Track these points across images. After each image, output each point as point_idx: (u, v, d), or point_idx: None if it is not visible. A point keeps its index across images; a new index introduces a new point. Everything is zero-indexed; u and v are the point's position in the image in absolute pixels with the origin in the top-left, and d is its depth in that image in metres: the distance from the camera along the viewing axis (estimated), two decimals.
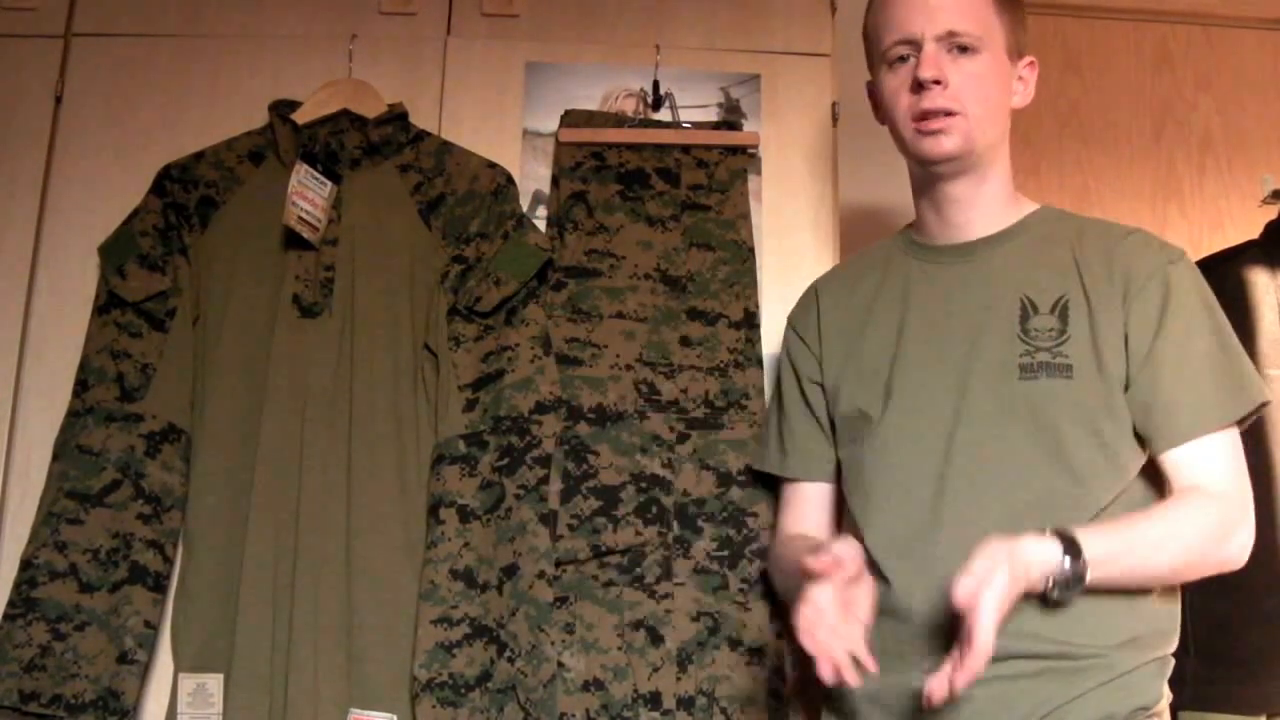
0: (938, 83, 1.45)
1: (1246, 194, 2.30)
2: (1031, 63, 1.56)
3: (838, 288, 1.66)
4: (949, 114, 1.46)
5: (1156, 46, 2.37)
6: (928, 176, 1.54)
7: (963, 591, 1.22)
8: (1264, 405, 1.42)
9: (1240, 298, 1.89)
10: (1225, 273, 1.93)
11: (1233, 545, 1.39)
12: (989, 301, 1.48)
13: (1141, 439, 1.42)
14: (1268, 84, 2.37)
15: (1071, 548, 1.28)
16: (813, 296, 1.69)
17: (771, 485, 1.75)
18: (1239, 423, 1.42)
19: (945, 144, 1.47)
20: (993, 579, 1.22)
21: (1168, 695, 1.40)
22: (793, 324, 1.70)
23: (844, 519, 1.59)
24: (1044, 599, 1.30)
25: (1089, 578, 1.28)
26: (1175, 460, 1.40)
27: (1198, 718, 1.68)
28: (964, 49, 1.47)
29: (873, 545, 1.45)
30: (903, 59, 1.49)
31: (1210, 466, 1.39)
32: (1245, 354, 1.44)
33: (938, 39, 1.46)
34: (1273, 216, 2.01)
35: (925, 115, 1.47)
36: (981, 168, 1.52)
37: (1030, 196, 1.59)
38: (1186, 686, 1.48)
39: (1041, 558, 1.28)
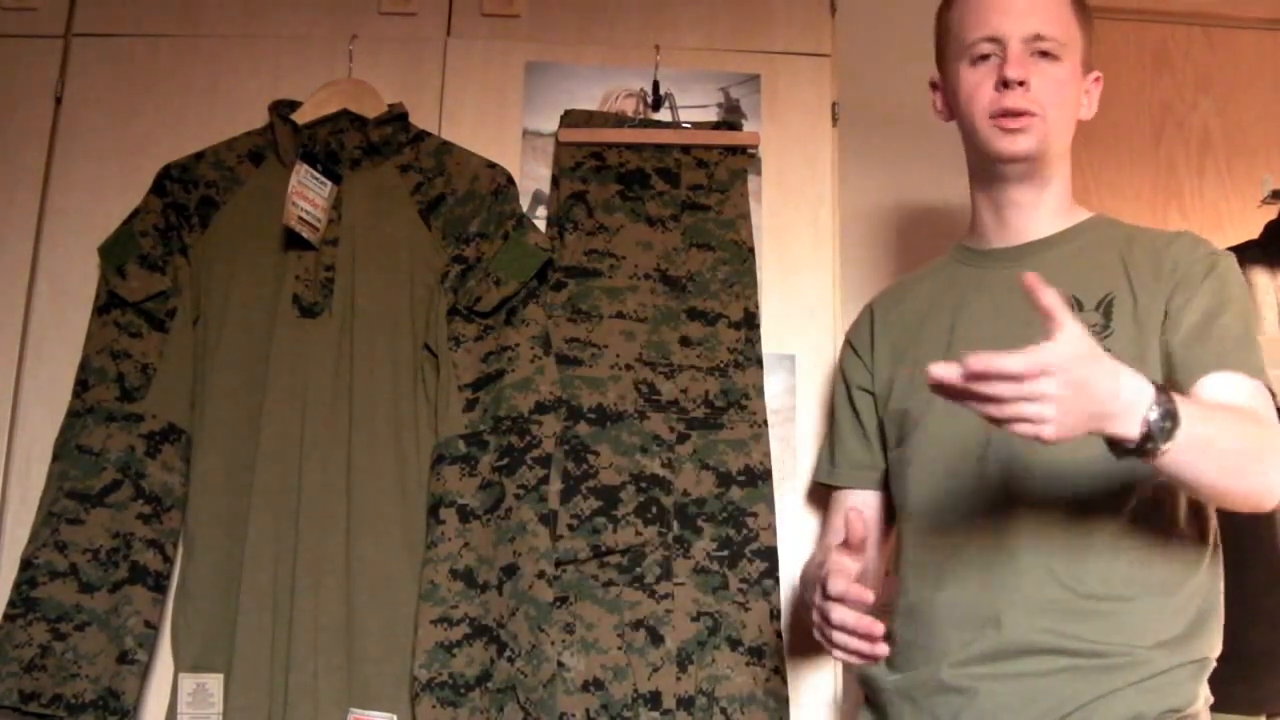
0: (1022, 84, 1.46)
1: (1246, 194, 2.29)
2: (1098, 78, 1.57)
3: (890, 301, 1.68)
4: (1030, 115, 1.47)
5: (1156, 46, 2.37)
6: (992, 175, 1.54)
7: (1051, 303, 1.13)
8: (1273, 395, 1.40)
9: None
10: None
11: (1273, 476, 1.31)
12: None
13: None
14: (1268, 84, 2.36)
15: (1162, 391, 1.19)
16: (867, 312, 1.71)
17: (769, 488, 1.77)
18: None
19: (1022, 143, 1.48)
20: (1072, 348, 1.12)
21: (1206, 697, 1.37)
22: (849, 339, 1.72)
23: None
24: (1137, 447, 1.19)
25: (1180, 431, 1.18)
26: (1207, 388, 1.35)
27: None
28: (1046, 54, 1.48)
29: (908, 541, 1.47)
30: (985, 57, 1.50)
31: (1243, 397, 1.34)
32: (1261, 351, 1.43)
33: (1024, 40, 1.47)
34: (1273, 217, 2.01)
35: (1006, 114, 1.47)
36: (1046, 173, 1.53)
37: None
38: None
39: (1132, 392, 1.17)
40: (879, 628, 1.28)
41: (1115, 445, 1.20)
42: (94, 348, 1.80)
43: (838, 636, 1.32)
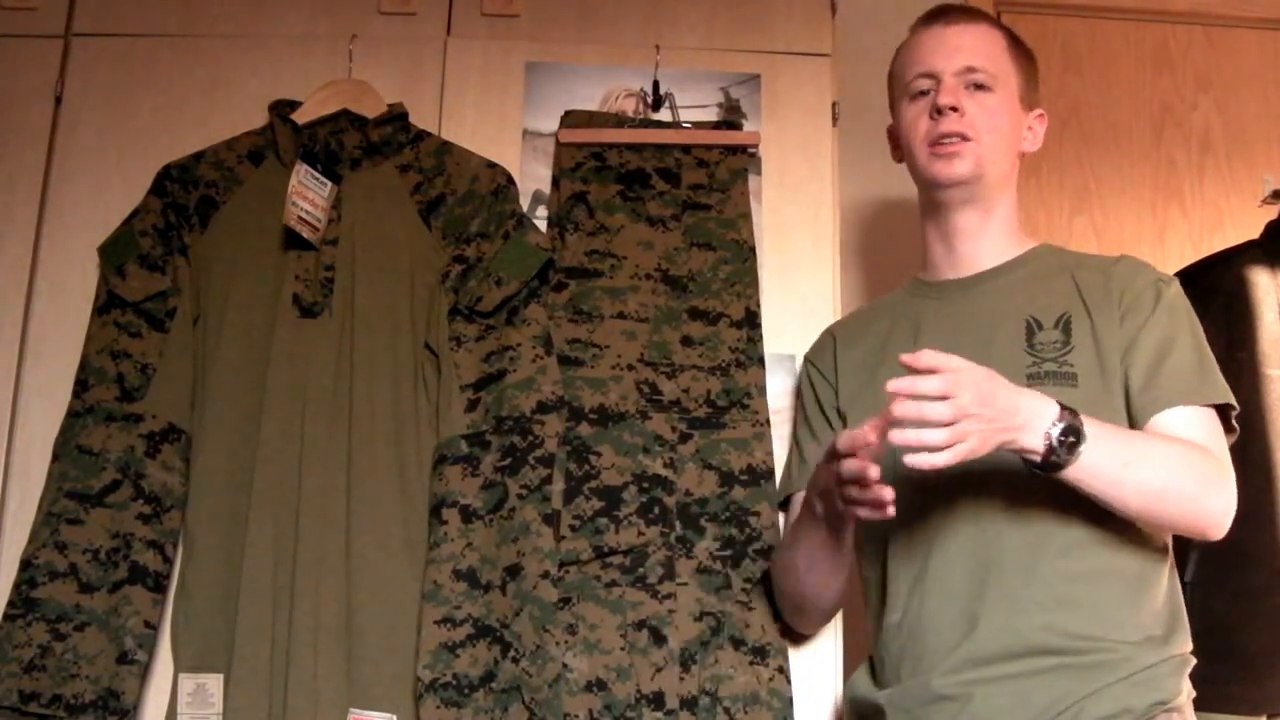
0: (954, 109, 1.56)
1: (1246, 194, 2.30)
2: (1041, 115, 1.67)
3: (852, 330, 1.74)
4: (963, 139, 1.56)
5: (1156, 46, 2.37)
6: (938, 204, 1.62)
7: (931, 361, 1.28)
8: (1234, 410, 1.48)
9: (1240, 297, 1.90)
10: (1225, 272, 1.93)
11: (1215, 502, 1.41)
12: (996, 323, 1.55)
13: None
14: (1268, 84, 2.37)
15: (1067, 409, 1.32)
16: (829, 338, 1.77)
17: (772, 487, 1.77)
18: (1225, 428, 1.47)
19: (957, 166, 1.57)
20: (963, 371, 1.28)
21: (1189, 691, 1.43)
22: (810, 360, 1.78)
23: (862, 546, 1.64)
24: (1042, 463, 1.32)
25: (1085, 447, 1.31)
26: (1162, 424, 1.44)
27: (1198, 718, 1.68)
28: (979, 85, 1.58)
29: (893, 562, 1.54)
30: (923, 92, 1.60)
31: (1196, 431, 1.43)
32: (1219, 369, 1.50)
33: (956, 74, 1.58)
34: (1273, 216, 2.01)
35: (941, 138, 1.57)
36: (988, 200, 1.60)
37: (1030, 197, 1.63)
38: None
39: (1032, 410, 1.31)
40: (889, 493, 1.33)
41: (1028, 462, 1.33)
42: (94, 348, 1.79)
43: (850, 492, 1.37)
